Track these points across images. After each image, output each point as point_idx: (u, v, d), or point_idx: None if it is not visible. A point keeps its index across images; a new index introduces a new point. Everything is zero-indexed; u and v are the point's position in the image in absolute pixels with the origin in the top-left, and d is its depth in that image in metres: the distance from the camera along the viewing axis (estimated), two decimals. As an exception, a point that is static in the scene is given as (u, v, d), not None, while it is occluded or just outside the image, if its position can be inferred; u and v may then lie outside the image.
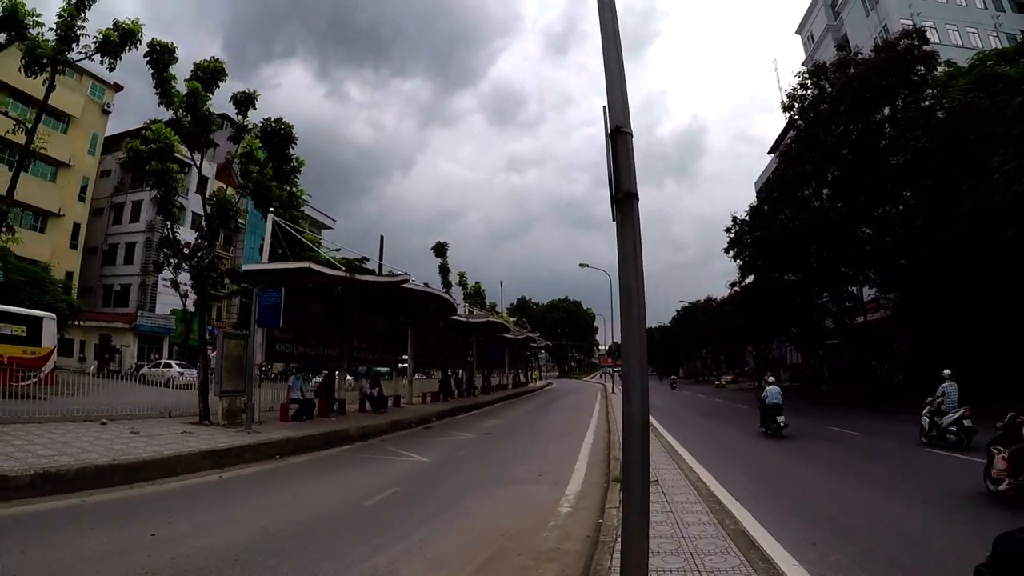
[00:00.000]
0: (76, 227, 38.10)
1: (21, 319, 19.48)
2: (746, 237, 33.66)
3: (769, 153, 61.22)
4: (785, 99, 29.54)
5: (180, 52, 14.30)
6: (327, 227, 64.38)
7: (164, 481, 8.83)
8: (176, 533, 6.12)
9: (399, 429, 17.13)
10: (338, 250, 25.53)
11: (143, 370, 31.09)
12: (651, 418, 17.28)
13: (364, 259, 24.86)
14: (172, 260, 16.00)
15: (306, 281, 16.09)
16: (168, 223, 15.30)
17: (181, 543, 5.75)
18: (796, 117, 29.43)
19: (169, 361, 33.19)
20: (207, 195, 15.79)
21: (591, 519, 6.94)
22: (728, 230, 35.73)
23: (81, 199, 38.50)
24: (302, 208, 19.00)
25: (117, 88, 40.90)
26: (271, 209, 16.26)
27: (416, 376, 35.28)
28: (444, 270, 37.90)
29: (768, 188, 31.80)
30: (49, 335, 20.08)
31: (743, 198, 43.08)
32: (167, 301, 36.51)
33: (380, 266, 38.67)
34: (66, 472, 8.01)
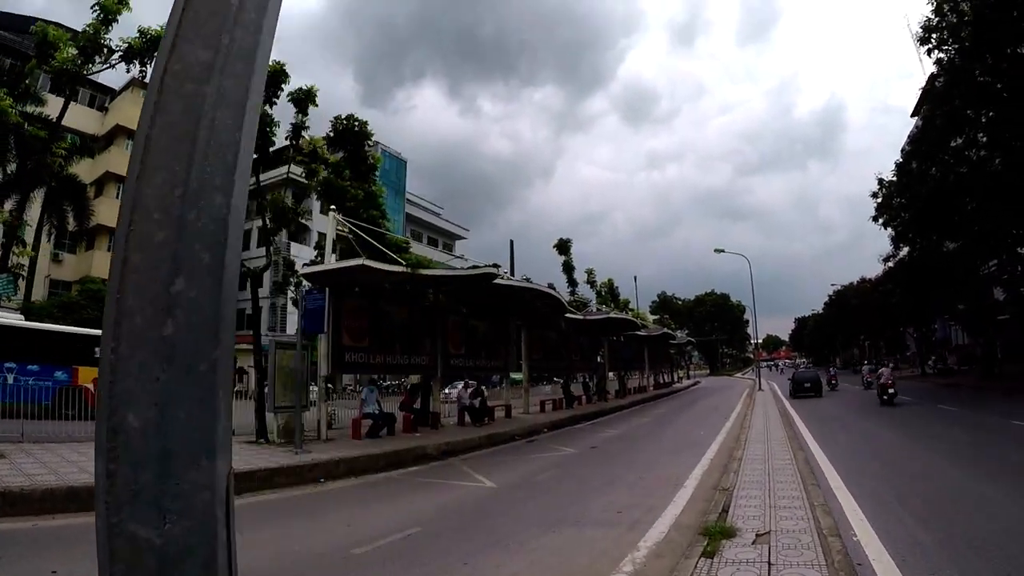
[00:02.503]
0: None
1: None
2: (895, 200, 28.80)
3: (913, 116, 52.89)
4: (919, 31, 23.93)
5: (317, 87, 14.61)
6: (461, 237, 64.97)
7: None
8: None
9: (495, 444, 14.96)
10: (461, 257, 24.60)
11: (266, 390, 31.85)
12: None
13: (495, 266, 23.37)
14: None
15: (380, 281, 14.60)
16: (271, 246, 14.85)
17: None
18: (935, 49, 23.84)
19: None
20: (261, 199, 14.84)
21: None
22: (874, 195, 30.97)
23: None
24: (382, 206, 17.72)
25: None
26: (332, 208, 14.99)
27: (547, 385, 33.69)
28: (568, 267, 35.66)
29: (915, 140, 26.73)
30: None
31: (890, 171, 36.37)
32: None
33: (512, 270, 37.30)
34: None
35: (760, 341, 51.23)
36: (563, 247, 35.55)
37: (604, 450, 13.55)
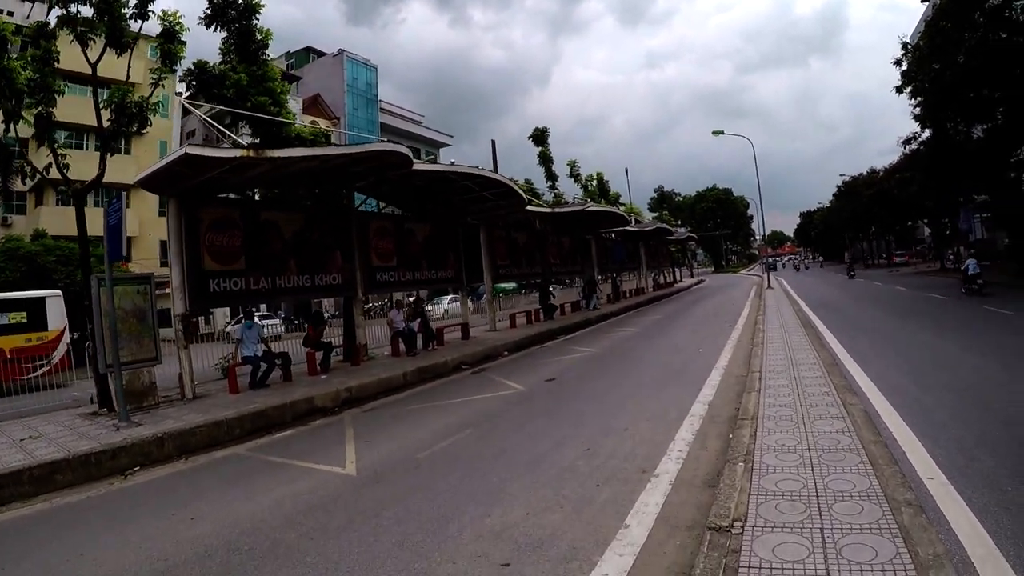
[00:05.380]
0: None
1: (19, 304, 16.81)
2: (923, 67, 24.02)
3: (923, 1, 45.41)
4: None
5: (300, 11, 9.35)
6: (445, 144, 59.82)
7: None
8: None
9: (428, 380, 11.29)
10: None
11: (228, 328, 28.56)
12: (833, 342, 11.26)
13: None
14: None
15: (238, 179, 10.45)
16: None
17: None
18: None
19: (268, 313, 30.18)
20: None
21: None
22: (898, 62, 26.05)
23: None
24: (278, 92, 13.13)
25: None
26: (179, 92, 10.49)
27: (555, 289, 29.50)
28: (545, 159, 31.12)
29: None
30: (56, 315, 17.06)
31: (893, 72, 29.59)
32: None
33: (495, 170, 33.11)
34: None
35: (766, 235, 46.32)
36: (539, 138, 31.06)
37: (560, 385, 9.76)
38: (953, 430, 5.41)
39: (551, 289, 23.58)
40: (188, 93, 14.47)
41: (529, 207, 18.44)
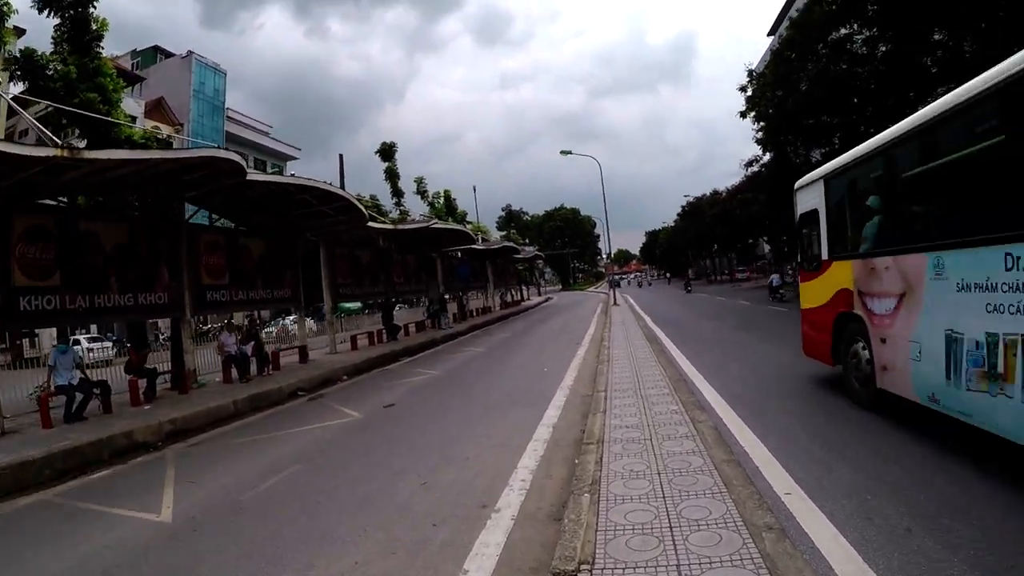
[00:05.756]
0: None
1: None
2: (767, 94, 25.98)
3: (769, 35, 52.78)
4: None
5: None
6: (292, 158, 57.41)
7: None
8: None
9: (260, 408, 11.05)
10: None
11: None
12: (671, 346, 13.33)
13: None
14: None
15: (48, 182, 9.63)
16: None
17: None
18: None
19: (78, 337, 25.71)
20: None
21: None
22: (743, 89, 28.12)
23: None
24: (110, 89, 12.14)
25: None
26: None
27: (399, 308, 29.40)
28: (392, 175, 31.24)
29: (797, 24, 23.68)
30: None
31: (738, 99, 34.02)
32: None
33: (342, 186, 32.34)
34: None
35: (612, 254, 50.01)
36: (386, 153, 31.07)
37: (400, 411, 9.75)
38: (803, 440, 5.72)
39: (395, 309, 23.77)
40: (17, 88, 13.10)
41: (372, 224, 18.38)
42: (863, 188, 6.67)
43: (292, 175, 18.00)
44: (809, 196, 8.27)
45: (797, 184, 8.94)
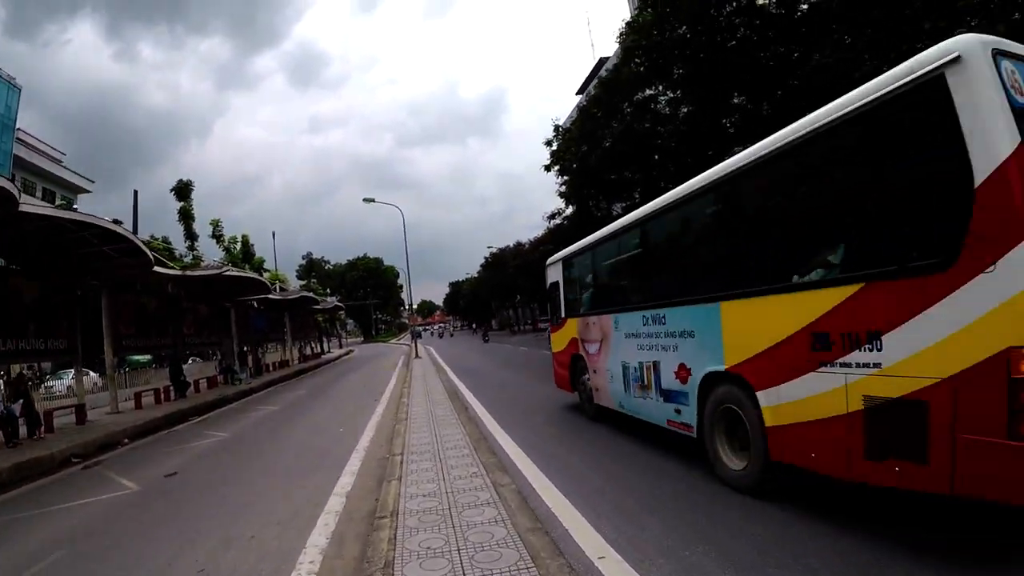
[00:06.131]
0: None
1: None
2: (572, 149, 26.82)
3: (577, 94, 56.89)
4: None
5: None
6: (85, 190, 50.68)
7: None
8: None
9: (31, 478, 9.56)
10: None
11: None
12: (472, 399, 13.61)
13: (117, 222, 16.53)
14: None
15: None
16: None
17: None
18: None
19: None
20: None
21: None
22: (549, 143, 28.81)
23: None
24: None
25: None
26: None
27: (190, 362, 26.93)
28: (187, 216, 29.85)
29: (606, 83, 24.76)
30: None
31: (544, 154, 36.72)
32: None
33: (135, 225, 29.56)
34: None
35: (415, 305, 51.21)
36: (181, 192, 29.98)
37: (183, 482, 8.70)
38: (611, 494, 5.65)
39: (222, 361, 22.41)
40: None
41: (158, 268, 17.41)
42: (581, 270, 9.74)
43: (75, 209, 16.63)
44: (553, 272, 11.45)
45: (547, 261, 12.04)
